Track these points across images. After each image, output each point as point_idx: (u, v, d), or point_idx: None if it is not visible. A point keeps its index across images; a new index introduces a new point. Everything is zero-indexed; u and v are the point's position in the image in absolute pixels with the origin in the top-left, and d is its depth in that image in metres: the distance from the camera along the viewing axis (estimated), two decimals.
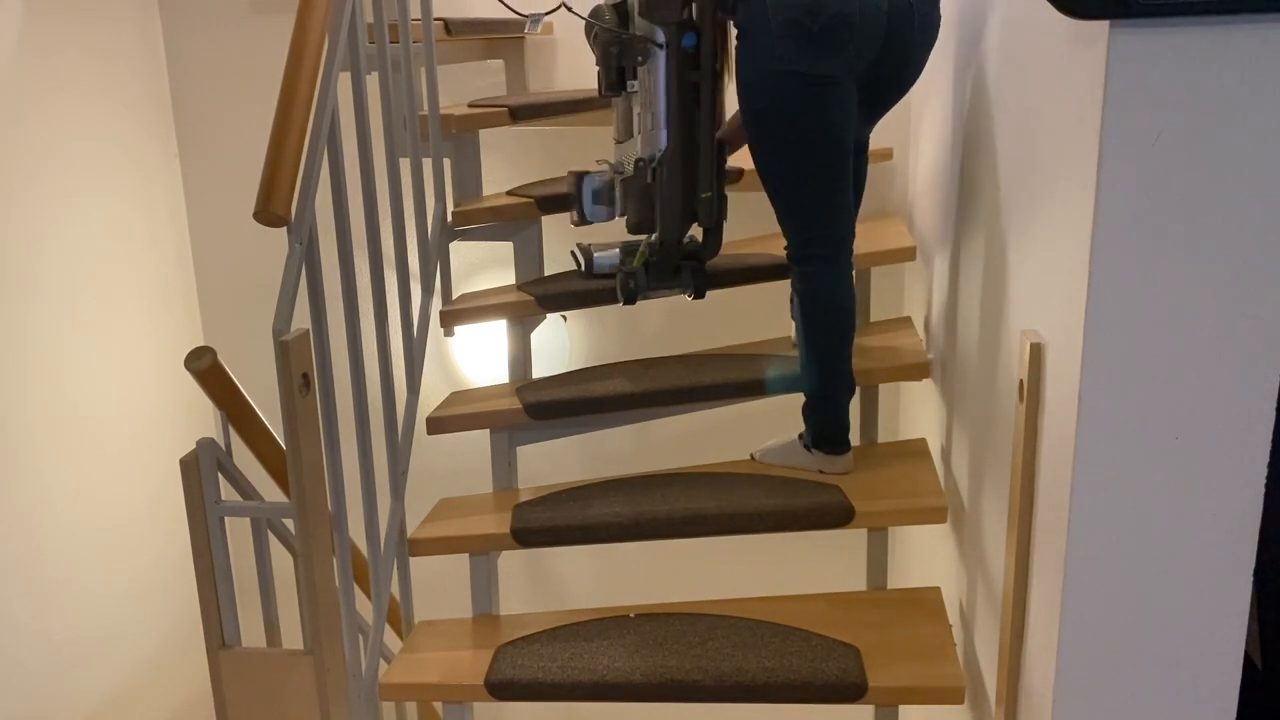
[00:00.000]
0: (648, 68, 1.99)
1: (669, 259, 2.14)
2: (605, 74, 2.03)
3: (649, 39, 1.96)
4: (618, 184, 2.15)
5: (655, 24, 1.95)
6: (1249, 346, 1.04)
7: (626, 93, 2.04)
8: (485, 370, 3.39)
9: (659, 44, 1.96)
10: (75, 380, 3.11)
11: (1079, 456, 1.10)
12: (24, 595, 2.93)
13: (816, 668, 1.83)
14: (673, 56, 1.96)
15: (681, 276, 2.18)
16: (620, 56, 2.00)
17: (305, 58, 1.75)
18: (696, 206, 2.06)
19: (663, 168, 2.02)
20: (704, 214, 2.07)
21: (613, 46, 1.99)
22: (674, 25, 1.94)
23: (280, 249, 1.75)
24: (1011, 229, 1.53)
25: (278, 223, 1.67)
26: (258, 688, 1.84)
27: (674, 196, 2.04)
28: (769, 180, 1.93)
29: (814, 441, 2.11)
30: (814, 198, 1.92)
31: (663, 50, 1.96)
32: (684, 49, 1.96)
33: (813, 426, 2.10)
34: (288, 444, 1.71)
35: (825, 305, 1.98)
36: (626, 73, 2.01)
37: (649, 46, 1.97)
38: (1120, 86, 1.00)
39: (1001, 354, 1.58)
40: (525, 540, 2.12)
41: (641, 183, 2.06)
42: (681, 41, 1.95)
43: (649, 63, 1.98)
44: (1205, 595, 1.10)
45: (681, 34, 1.95)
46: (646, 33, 1.97)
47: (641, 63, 1.98)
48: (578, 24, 3.16)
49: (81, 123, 3.13)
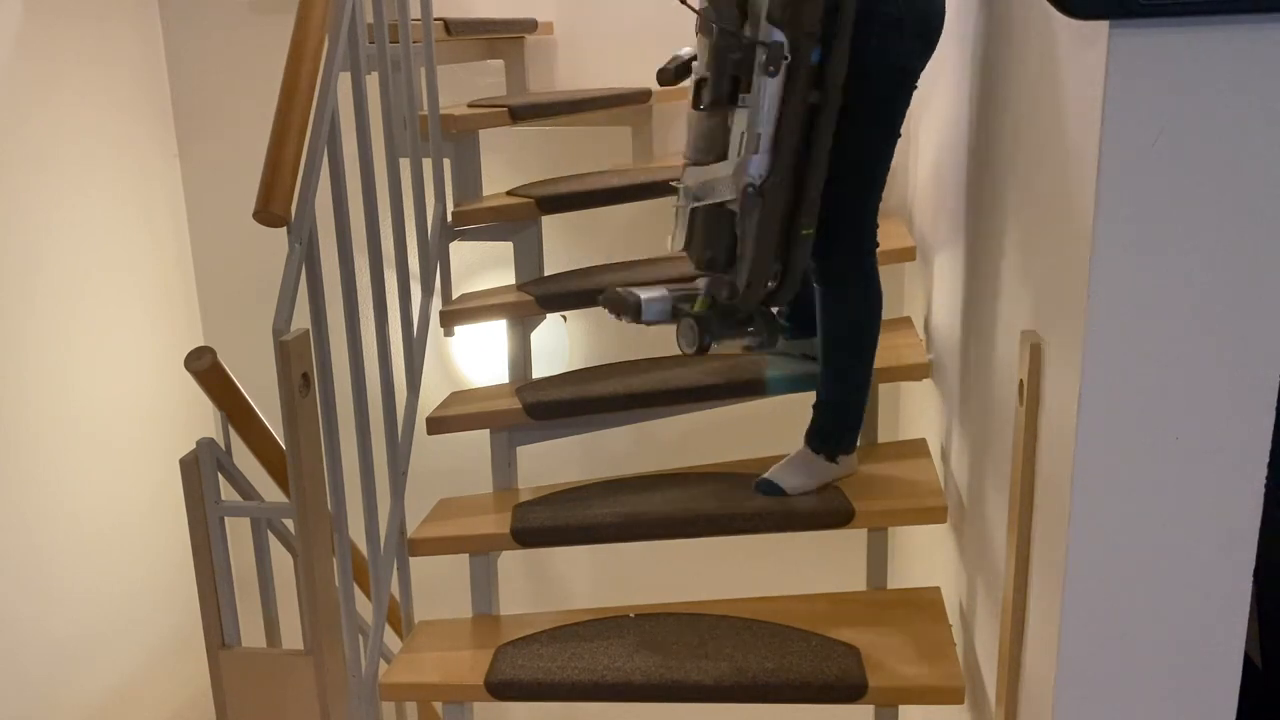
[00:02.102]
0: (764, 82, 1.70)
1: (748, 304, 1.84)
2: (715, 84, 1.73)
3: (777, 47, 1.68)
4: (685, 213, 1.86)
5: (787, 31, 1.68)
6: (1249, 346, 1.04)
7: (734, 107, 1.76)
8: (485, 370, 3.39)
9: (785, 55, 1.68)
10: (75, 380, 3.11)
11: (1079, 456, 1.10)
12: (24, 595, 2.93)
13: (816, 668, 1.83)
14: (797, 70, 1.69)
15: (755, 323, 1.90)
16: (739, 65, 1.71)
17: (305, 58, 1.75)
18: (793, 246, 1.80)
19: (763, 197, 1.74)
20: (800, 255, 1.81)
21: (732, 53, 1.70)
22: (805, 35, 1.68)
23: (280, 249, 1.75)
24: (1012, 229, 1.53)
25: (278, 223, 1.67)
26: (258, 688, 1.84)
27: (770, 231, 1.76)
28: (859, 180, 1.87)
29: (841, 444, 2.06)
30: (878, 195, 1.92)
31: (786, 62, 1.69)
32: (811, 63, 1.71)
33: (848, 431, 2.05)
34: (288, 444, 1.71)
35: (878, 303, 1.97)
36: (741, 84, 1.73)
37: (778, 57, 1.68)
38: (1120, 86, 1.00)
39: (1001, 354, 1.58)
40: (525, 540, 2.12)
41: (727, 213, 1.78)
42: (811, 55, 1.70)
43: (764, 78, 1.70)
44: (1205, 595, 1.10)
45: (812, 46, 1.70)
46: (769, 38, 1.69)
47: (773, 74, 1.69)
48: (578, 24, 3.15)
49: (81, 123, 3.13)
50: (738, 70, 1.71)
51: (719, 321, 1.86)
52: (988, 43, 1.75)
